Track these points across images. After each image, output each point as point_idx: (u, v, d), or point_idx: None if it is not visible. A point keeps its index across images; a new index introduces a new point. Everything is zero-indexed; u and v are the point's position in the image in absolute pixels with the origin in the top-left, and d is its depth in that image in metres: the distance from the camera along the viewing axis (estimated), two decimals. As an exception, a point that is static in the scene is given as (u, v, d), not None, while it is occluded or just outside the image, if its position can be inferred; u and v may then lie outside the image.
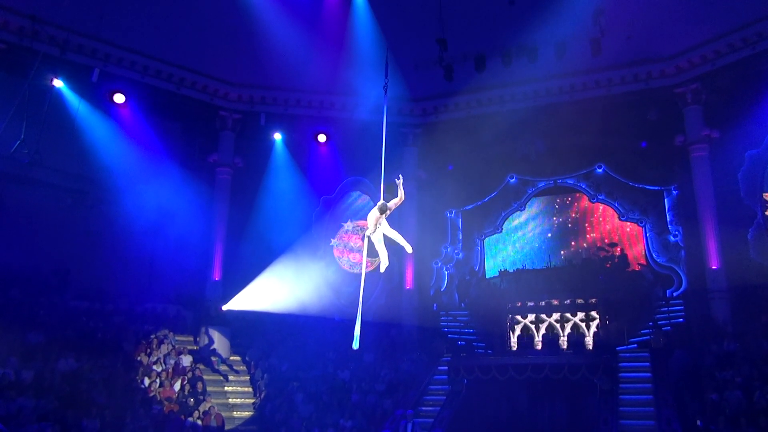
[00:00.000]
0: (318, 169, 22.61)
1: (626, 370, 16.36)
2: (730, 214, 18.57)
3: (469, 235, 23.20)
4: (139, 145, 19.44)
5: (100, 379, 15.63)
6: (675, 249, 20.15)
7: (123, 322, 18.65)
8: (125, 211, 19.14)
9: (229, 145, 21.58)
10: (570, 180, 21.91)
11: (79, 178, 19.66)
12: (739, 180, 18.67)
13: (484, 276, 22.67)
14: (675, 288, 19.75)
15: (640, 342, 17.87)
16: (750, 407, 13.73)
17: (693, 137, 19.06)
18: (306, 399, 17.53)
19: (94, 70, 18.41)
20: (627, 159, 20.64)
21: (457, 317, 20.98)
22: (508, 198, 22.68)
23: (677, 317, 18.61)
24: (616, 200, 21.28)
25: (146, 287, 19.81)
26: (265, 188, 21.82)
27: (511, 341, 19.20)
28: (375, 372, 18.31)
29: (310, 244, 22.91)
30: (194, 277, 20.50)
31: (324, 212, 23.26)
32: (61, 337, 16.47)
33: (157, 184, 19.39)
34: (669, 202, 20.48)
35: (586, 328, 18.50)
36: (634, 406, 15.14)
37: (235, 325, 20.16)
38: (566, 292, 19.16)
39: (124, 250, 19.48)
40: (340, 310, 21.36)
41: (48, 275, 18.66)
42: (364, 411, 16.98)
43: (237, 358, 19.83)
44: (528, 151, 21.51)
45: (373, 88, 20.56)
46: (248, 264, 21.29)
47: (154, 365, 17.27)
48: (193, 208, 20.25)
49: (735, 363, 15.35)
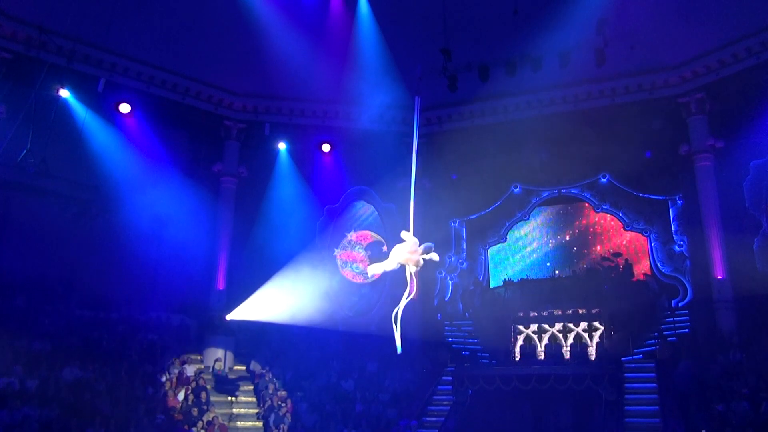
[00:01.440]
0: (322, 179, 22.64)
1: (632, 381, 16.30)
2: (736, 224, 18.52)
3: (473, 245, 23.16)
4: (145, 155, 19.53)
5: (105, 388, 15.62)
6: (680, 259, 20.07)
7: (127, 330, 18.67)
8: (130, 220, 19.13)
9: (234, 154, 21.66)
10: (574, 189, 21.88)
11: (84, 187, 19.70)
12: (744, 190, 18.61)
13: (488, 286, 22.60)
14: (680, 298, 19.66)
15: (646, 353, 17.75)
16: (757, 418, 13.64)
17: (697, 147, 19.05)
18: (310, 409, 17.49)
19: (100, 80, 18.56)
20: (631, 168, 20.57)
21: (462, 327, 20.92)
22: (512, 208, 22.64)
23: (683, 328, 18.50)
24: (620, 210, 21.22)
25: (150, 296, 19.79)
26: (270, 198, 21.85)
27: (515, 352, 19.12)
28: (379, 382, 18.27)
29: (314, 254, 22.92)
30: (198, 287, 20.50)
31: (328, 222, 23.24)
32: (66, 345, 16.49)
33: (162, 193, 19.46)
34: (674, 211, 20.42)
35: (588, 338, 18.42)
36: (639, 416, 15.08)
37: (239, 335, 20.15)
38: (571, 302, 19.07)
39: (128, 258, 19.46)
40: (344, 319, 21.33)
41: (53, 284, 18.67)
42: (368, 421, 16.94)
43: (241, 368, 19.80)
44: (532, 160, 21.50)
45: (377, 98, 20.77)
46: (252, 273, 21.29)
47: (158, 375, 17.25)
48: (198, 217, 20.30)
49: (741, 373, 15.26)
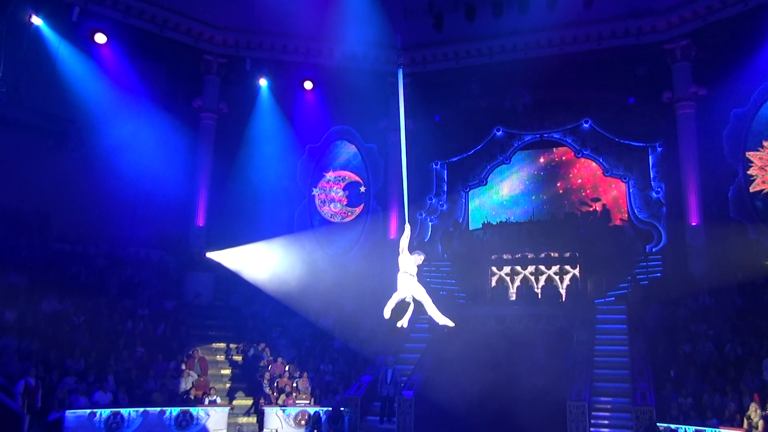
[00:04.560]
0: (304, 117, 22.37)
1: (603, 322, 16.77)
2: (713, 172, 18.78)
3: (453, 187, 23.24)
4: (121, 88, 19.04)
5: (83, 321, 15.69)
6: (657, 205, 20.36)
7: (106, 265, 18.63)
8: (107, 154, 18.74)
9: (214, 90, 21.24)
10: (556, 134, 21.90)
11: (59, 120, 19.28)
12: (724, 138, 18.77)
13: (468, 228, 22.82)
14: (655, 243, 20.05)
15: (618, 295, 18.20)
16: (720, 359, 14.15)
17: (680, 94, 19.06)
18: (288, 344, 17.79)
19: (74, 7, 17.92)
20: (614, 114, 20.62)
21: (440, 268, 21.18)
22: (494, 151, 22.64)
23: (655, 272, 18.94)
24: (601, 155, 21.35)
25: (129, 232, 19.70)
26: (250, 135, 21.59)
27: (491, 293, 19.48)
28: (356, 320, 18.53)
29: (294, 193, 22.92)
30: (178, 223, 20.43)
31: (309, 161, 23.13)
32: (43, 279, 16.43)
33: (140, 128, 19.04)
34: (653, 158, 20.59)
35: (559, 281, 18.82)
36: (609, 356, 15.58)
37: (218, 272, 20.20)
38: (548, 246, 19.38)
39: (106, 193, 19.22)
40: (322, 257, 21.51)
41: (29, 217, 18.44)
42: (346, 357, 17.28)
43: (220, 304, 19.96)
44: (515, 103, 21.38)
45: (361, 36, 20.37)
46: (232, 211, 21.27)
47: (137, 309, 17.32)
48: (177, 153, 20.01)
49: (709, 317, 15.74)
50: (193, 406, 14.04)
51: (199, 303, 19.33)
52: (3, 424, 10.99)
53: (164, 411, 13.21)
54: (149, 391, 14.23)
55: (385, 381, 15.31)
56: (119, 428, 12.55)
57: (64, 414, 12.06)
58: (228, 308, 19.91)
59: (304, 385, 15.92)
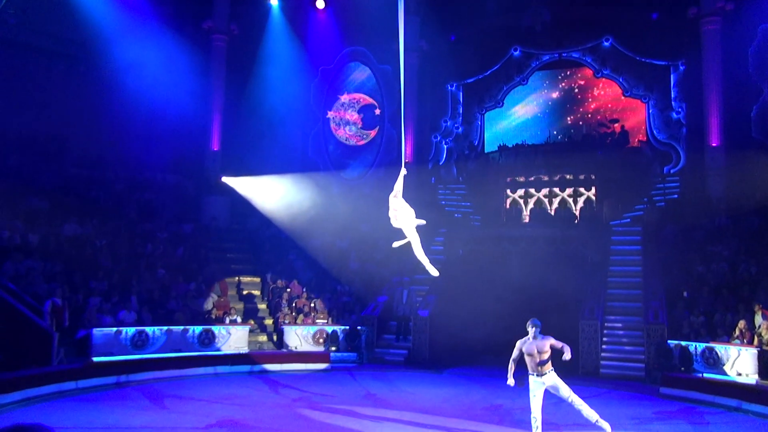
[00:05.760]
0: (316, 38, 21.92)
1: (618, 243, 16.81)
2: (736, 91, 18.27)
3: (469, 109, 22.91)
4: (131, 10, 18.65)
5: (105, 244, 16.01)
6: (677, 126, 19.99)
7: (124, 189, 18.84)
8: (119, 78, 18.63)
9: (225, 10, 20.78)
10: (575, 53, 21.30)
11: (70, 42, 19.07)
12: (750, 55, 18.16)
13: (483, 151, 22.64)
14: (673, 165, 19.82)
15: (634, 217, 18.16)
16: (733, 278, 14.22)
17: (707, 9, 18.32)
18: (305, 266, 18.08)
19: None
20: (636, 31, 19.96)
21: (455, 191, 21.17)
22: (510, 71, 22.14)
23: (672, 193, 18.80)
24: (621, 75, 20.81)
25: (145, 156, 19.76)
26: (262, 57, 21.26)
27: (506, 215, 19.52)
28: (373, 242, 18.70)
29: (308, 116, 22.73)
30: (193, 148, 20.46)
31: (323, 83, 22.79)
32: (64, 203, 16.67)
33: (151, 50, 18.77)
34: (675, 77, 20.06)
35: (573, 203, 18.77)
36: (622, 276, 15.70)
37: (234, 195, 20.35)
38: (564, 168, 19.23)
39: (120, 118, 19.22)
40: (338, 180, 21.57)
41: (45, 142, 18.57)
42: (362, 278, 17.56)
43: (238, 227, 20.24)
44: (534, 21, 20.74)
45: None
46: (247, 135, 21.19)
47: (157, 232, 17.62)
48: (189, 76, 19.81)
49: (724, 238, 15.71)
50: (214, 324, 14.44)
51: (217, 226, 19.60)
52: (34, 341, 11.42)
53: (187, 329, 13.60)
54: (171, 310, 14.63)
55: (401, 301, 15.63)
56: (144, 345, 12.99)
57: (92, 332, 12.46)
58: (245, 231, 20.17)
59: (321, 305, 16.29)
